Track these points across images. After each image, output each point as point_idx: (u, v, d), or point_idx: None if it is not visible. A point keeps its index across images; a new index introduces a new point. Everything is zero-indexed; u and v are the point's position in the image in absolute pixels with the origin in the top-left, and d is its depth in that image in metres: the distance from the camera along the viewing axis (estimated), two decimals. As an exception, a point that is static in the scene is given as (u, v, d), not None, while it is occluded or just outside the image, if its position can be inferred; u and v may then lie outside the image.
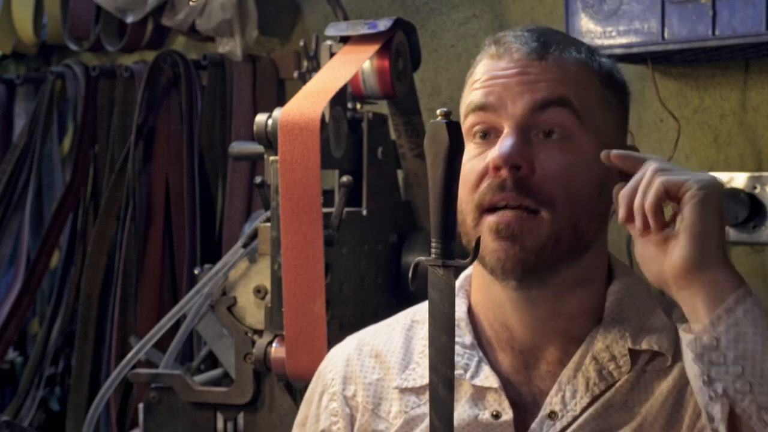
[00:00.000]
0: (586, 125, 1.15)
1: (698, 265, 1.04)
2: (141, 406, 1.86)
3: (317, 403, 1.29)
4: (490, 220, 1.13)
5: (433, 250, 1.02)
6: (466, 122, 1.18)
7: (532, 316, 1.17)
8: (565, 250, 1.14)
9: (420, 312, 1.28)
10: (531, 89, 1.14)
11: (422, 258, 1.03)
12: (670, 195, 1.05)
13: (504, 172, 1.12)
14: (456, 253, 1.03)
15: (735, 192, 2.00)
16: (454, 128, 1.01)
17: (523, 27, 1.21)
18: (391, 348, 1.26)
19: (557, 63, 1.16)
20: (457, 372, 1.17)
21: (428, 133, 1.02)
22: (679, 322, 1.12)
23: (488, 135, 1.16)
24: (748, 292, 1.06)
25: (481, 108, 1.16)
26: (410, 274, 1.05)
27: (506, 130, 1.14)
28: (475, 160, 1.16)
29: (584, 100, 1.15)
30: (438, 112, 1.01)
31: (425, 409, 1.19)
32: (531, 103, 1.13)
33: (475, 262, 1.20)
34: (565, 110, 1.14)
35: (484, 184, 1.14)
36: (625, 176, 1.22)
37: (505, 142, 1.12)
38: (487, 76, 1.17)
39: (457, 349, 1.19)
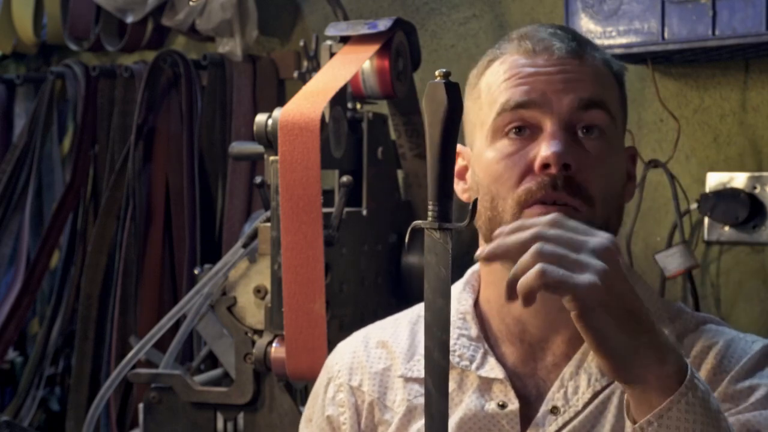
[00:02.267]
0: (616, 124, 1.18)
1: (614, 375, 0.99)
2: (141, 406, 1.86)
3: (323, 395, 1.30)
4: (536, 212, 1.12)
5: (429, 213, 1.01)
6: (500, 118, 1.16)
7: (546, 308, 1.18)
8: None
9: None
10: (575, 88, 1.15)
11: (419, 222, 1.02)
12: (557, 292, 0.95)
13: (554, 170, 1.12)
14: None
15: (735, 192, 2.00)
16: (452, 88, 0.99)
17: (547, 25, 1.22)
18: (397, 339, 1.27)
19: (592, 64, 1.18)
20: (463, 363, 1.20)
21: (426, 93, 1.00)
22: (681, 333, 1.17)
23: (523, 131, 1.16)
24: (683, 392, 0.96)
25: (522, 105, 1.15)
26: (407, 239, 1.04)
27: (551, 127, 1.14)
28: (514, 156, 1.15)
29: (614, 99, 1.19)
30: (437, 72, 1.00)
31: None
32: (576, 101, 1.15)
33: (486, 261, 1.20)
34: (603, 111, 1.16)
35: (531, 181, 1.13)
36: (628, 175, 1.23)
37: (554, 140, 1.13)
38: (526, 73, 1.16)
39: (464, 341, 1.22)
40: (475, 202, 1.03)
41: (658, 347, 0.97)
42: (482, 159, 1.18)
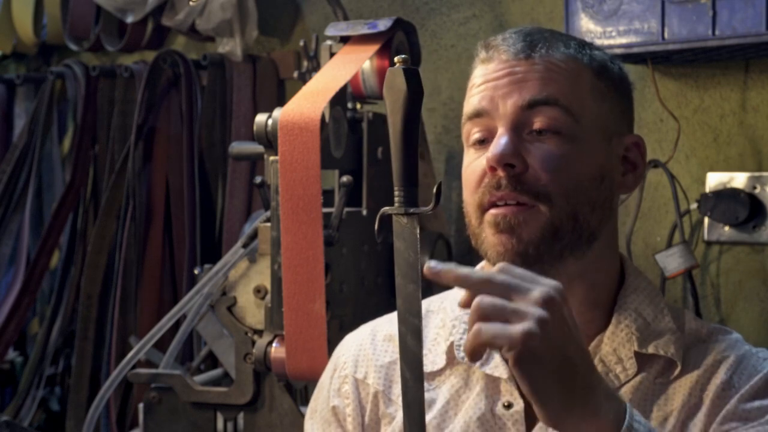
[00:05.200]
0: (577, 118, 1.16)
1: (550, 425, 0.98)
2: (141, 406, 1.87)
3: (328, 386, 1.30)
4: (489, 213, 1.15)
5: (396, 199, 1.01)
6: (464, 130, 1.21)
7: None
8: (568, 241, 1.15)
9: (434, 303, 1.30)
10: (519, 88, 1.16)
11: (386, 208, 1.02)
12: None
13: (499, 172, 1.14)
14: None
15: (735, 192, 2.00)
16: (411, 74, 1.00)
17: (512, 29, 1.23)
18: None
19: (544, 60, 1.17)
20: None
21: (386, 80, 1.01)
22: (691, 342, 1.17)
23: (486, 141, 1.18)
24: None
25: (476, 115, 1.18)
26: (376, 226, 1.04)
27: (499, 130, 1.16)
28: (475, 163, 1.18)
29: (574, 93, 1.17)
30: (396, 59, 1.01)
31: (433, 394, 1.21)
32: (519, 101, 1.16)
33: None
34: (554, 108, 1.15)
35: (483, 185, 1.16)
36: (630, 165, 1.23)
37: (498, 143, 1.15)
38: (479, 81, 1.19)
39: None
40: (439, 185, 1.04)
41: (593, 400, 0.98)
42: (463, 166, 1.22)
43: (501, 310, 0.96)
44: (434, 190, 1.01)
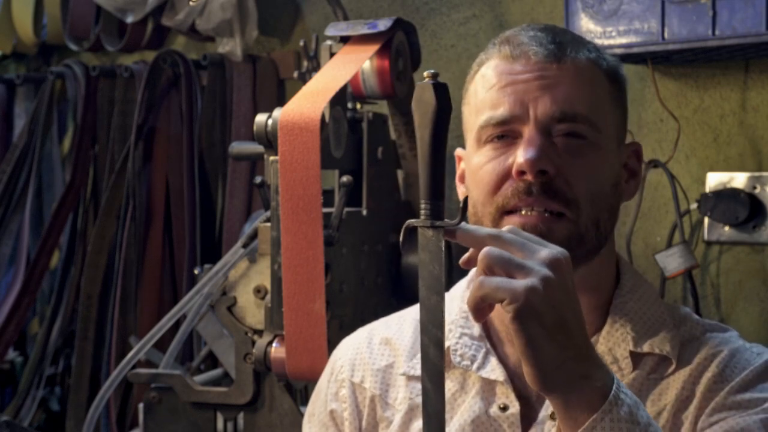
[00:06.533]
0: (600, 125, 1.16)
1: (539, 386, 0.98)
2: (141, 406, 1.87)
3: (326, 390, 1.30)
4: (515, 221, 1.13)
5: (422, 212, 1.01)
6: (483, 131, 1.17)
7: None
8: (588, 248, 1.15)
9: None
10: (552, 93, 1.14)
11: (412, 221, 1.02)
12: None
13: (529, 177, 1.12)
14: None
15: (735, 192, 2.00)
16: (440, 89, 1.00)
17: (533, 26, 1.21)
18: (401, 337, 1.27)
19: (573, 65, 1.16)
20: (464, 363, 1.20)
21: (415, 94, 1.01)
22: (687, 339, 1.17)
23: (505, 136, 1.16)
24: (606, 410, 0.97)
25: (503, 122, 1.15)
26: (401, 238, 1.05)
27: (528, 133, 1.14)
28: (493, 162, 1.15)
29: (597, 99, 1.17)
30: (425, 73, 1.01)
31: None
32: (551, 110, 1.14)
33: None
34: (583, 116, 1.15)
35: (508, 188, 1.14)
36: (630, 172, 1.23)
37: (530, 147, 1.12)
38: (504, 81, 1.16)
39: (466, 340, 1.21)
40: (465, 200, 1.04)
41: (584, 366, 0.98)
42: (470, 164, 1.19)
43: (507, 263, 0.96)
44: (461, 204, 1.01)
